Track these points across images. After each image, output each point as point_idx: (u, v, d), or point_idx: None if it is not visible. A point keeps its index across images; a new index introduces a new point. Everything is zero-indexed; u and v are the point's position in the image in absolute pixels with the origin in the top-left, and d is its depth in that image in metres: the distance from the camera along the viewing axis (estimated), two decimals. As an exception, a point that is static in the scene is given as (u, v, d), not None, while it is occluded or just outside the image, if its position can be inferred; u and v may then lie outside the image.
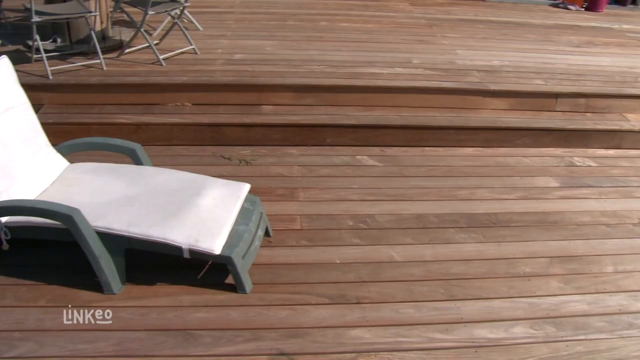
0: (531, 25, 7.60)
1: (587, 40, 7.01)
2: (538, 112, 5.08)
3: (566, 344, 2.74)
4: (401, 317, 2.82)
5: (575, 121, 4.97)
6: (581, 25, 7.91)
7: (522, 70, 5.52)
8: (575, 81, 5.36)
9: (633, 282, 3.24)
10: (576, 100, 5.14)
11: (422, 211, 3.73)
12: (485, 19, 7.70)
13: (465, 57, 5.80)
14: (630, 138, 4.93)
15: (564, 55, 6.23)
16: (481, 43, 6.45)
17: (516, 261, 3.31)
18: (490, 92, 5.01)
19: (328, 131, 4.59)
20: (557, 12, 8.68)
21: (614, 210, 3.94)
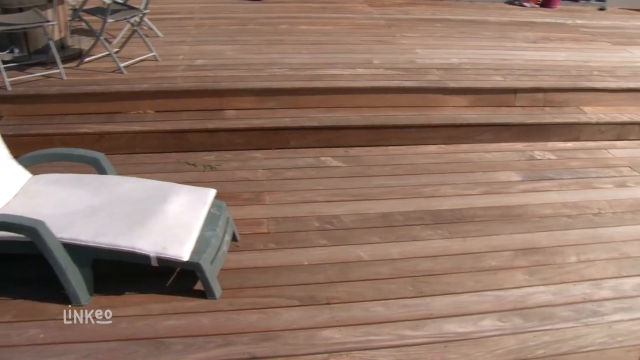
0: (488, 22, 7.70)
1: (543, 36, 7.13)
2: (498, 107, 5.15)
3: (533, 334, 2.79)
4: (371, 316, 2.83)
5: (534, 115, 5.05)
6: (536, 21, 8.04)
7: (481, 67, 5.59)
8: (533, 76, 5.45)
9: (595, 270, 3.30)
10: (534, 95, 5.22)
11: (387, 210, 3.75)
12: (442, 18, 7.77)
13: (424, 56, 5.85)
14: (588, 130, 5.03)
15: (521, 51, 6.33)
16: (440, 41, 6.51)
17: (482, 255, 3.35)
18: (450, 90, 5.06)
19: (291, 134, 4.59)
20: (513, 9, 8.81)
21: (575, 202, 4.02)
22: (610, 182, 4.35)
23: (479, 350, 2.66)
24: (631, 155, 4.87)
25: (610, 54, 6.55)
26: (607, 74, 5.73)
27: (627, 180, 4.41)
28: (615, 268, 3.35)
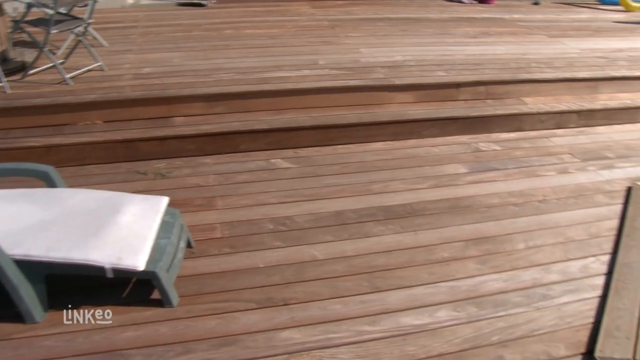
0: (429, 19, 7.79)
1: (482, 31, 7.25)
2: (442, 102, 5.20)
3: (488, 321, 2.82)
4: (329, 314, 2.82)
5: (477, 108, 5.11)
6: (475, 17, 8.16)
7: (424, 64, 5.64)
8: (474, 70, 5.53)
9: (543, 256, 3.37)
10: (476, 89, 5.29)
11: (339, 208, 3.74)
12: (384, 17, 7.83)
13: (368, 54, 5.88)
14: (529, 120, 5.13)
15: (462, 46, 6.42)
16: (383, 40, 6.55)
17: (434, 247, 3.37)
18: (395, 87, 5.09)
19: (241, 138, 4.55)
20: (452, 6, 8.93)
21: (520, 190, 4.09)
22: (553, 170, 4.44)
23: (436, 341, 2.68)
24: (571, 142, 4.99)
25: (546, 46, 6.70)
26: (545, 65, 5.86)
27: (568, 166, 4.52)
28: (562, 252, 3.42)
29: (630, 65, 6.07)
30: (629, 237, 3.59)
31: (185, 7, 8.17)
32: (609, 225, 3.73)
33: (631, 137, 5.21)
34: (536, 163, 4.53)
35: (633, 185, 4.25)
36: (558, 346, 2.71)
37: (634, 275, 3.25)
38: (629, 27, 8.17)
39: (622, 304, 3.00)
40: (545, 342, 2.73)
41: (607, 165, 4.59)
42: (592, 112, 5.36)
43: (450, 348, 2.65)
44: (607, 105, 5.45)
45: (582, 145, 4.94)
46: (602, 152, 4.82)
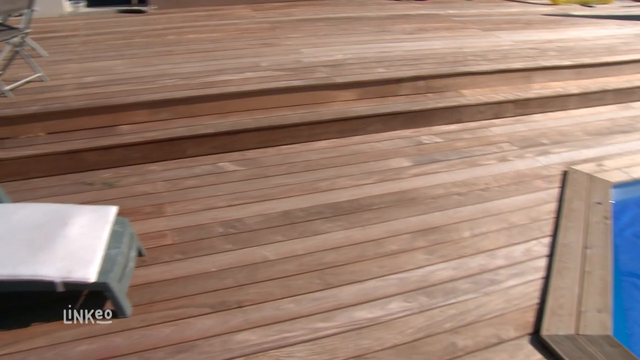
0: (367, 18, 7.82)
1: (419, 27, 7.31)
2: (384, 98, 5.21)
3: (439, 309, 2.85)
4: (283, 314, 2.79)
5: (418, 102, 5.14)
6: (412, 14, 8.24)
7: (365, 61, 5.64)
8: (413, 65, 5.56)
9: (488, 242, 3.42)
10: (416, 83, 5.32)
11: (287, 208, 3.71)
12: (324, 17, 7.82)
13: (310, 54, 5.86)
14: (468, 112, 5.19)
15: (400, 42, 6.46)
16: (323, 40, 6.54)
17: (382, 241, 3.38)
18: (337, 85, 5.07)
19: (187, 143, 4.47)
20: (389, 4, 8.99)
21: (463, 180, 4.14)
22: (494, 158, 4.51)
23: (389, 333, 2.69)
24: (509, 131, 5.08)
25: (481, 39, 6.81)
26: (480, 58, 5.94)
27: (508, 154, 4.59)
28: (506, 237, 3.48)
29: (559, 55, 6.23)
30: (566, 219, 3.68)
31: (125, 15, 7.99)
32: (548, 209, 3.82)
33: (564, 123, 5.35)
34: (477, 153, 4.59)
35: (568, 169, 4.35)
36: (507, 328, 2.76)
37: (573, 255, 3.33)
38: (556, 19, 8.40)
39: (564, 283, 3.08)
40: (495, 326, 2.77)
41: (543, 151, 4.69)
42: (527, 101, 5.47)
43: (404, 338, 2.66)
44: (540, 94, 5.57)
45: (520, 134, 5.04)
46: (538, 139, 4.92)
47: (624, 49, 6.73)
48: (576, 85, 5.89)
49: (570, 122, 5.39)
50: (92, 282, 2.60)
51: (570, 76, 6.04)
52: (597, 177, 4.27)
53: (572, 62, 6.04)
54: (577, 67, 6.07)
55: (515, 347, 2.65)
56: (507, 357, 2.59)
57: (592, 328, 2.78)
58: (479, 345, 2.65)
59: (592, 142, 4.94)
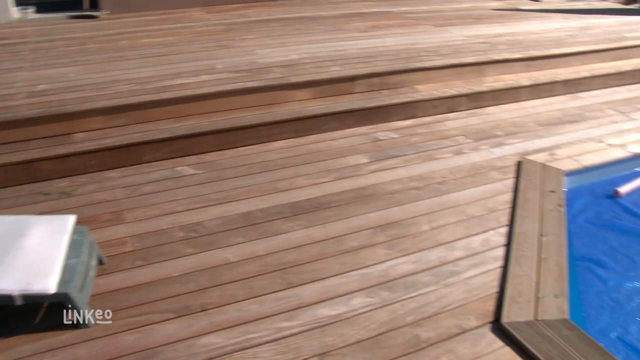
0: (321, 17, 7.82)
1: (373, 25, 7.35)
2: (339, 96, 5.22)
3: (401, 303, 2.86)
4: (246, 315, 2.77)
5: (373, 99, 5.16)
6: (365, 11, 8.28)
7: (319, 60, 5.64)
8: (368, 63, 5.57)
9: (447, 234, 3.45)
10: (371, 80, 5.34)
11: (247, 209, 3.68)
12: (278, 17, 7.80)
13: (265, 55, 5.83)
14: (423, 107, 5.23)
15: (354, 40, 6.47)
16: (278, 40, 6.51)
17: (343, 238, 3.38)
18: (293, 85, 5.05)
19: (144, 148, 4.40)
20: (343, 3, 9.01)
21: (420, 174, 4.17)
22: (449, 152, 4.55)
23: (353, 329, 2.69)
24: (463, 124, 5.14)
25: (433, 35, 6.87)
26: (433, 53, 5.99)
27: (463, 147, 4.64)
28: (464, 229, 3.51)
29: (509, 48, 6.33)
30: (522, 208, 3.73)
31: (76, 20, 7.83)
32: (503, 199, 3.87)
33: (516, 115, 5.43)
34: (433, 147, 4.63)
35: (522, 160, 4.42)
36: (468, 318, 2.78)
37: (530, 243, 3.38)
38: (505, 14, 8.55)
39: (522, 271, 3.12)
40: (457, 316, 2.79)
41: (497, 143, 4.75)
42: (480, 94, 5.53)
43: (368, 334, 2.67)
44: (493, 87, 5.64)
45: (474, 126, 5.10)
46: (492, 131, 4.99)
47: (571, 41, 6.87)
48: (527, 78, 5.99)
49: (522, 113, 5.48)
50: (52, 293, 2.54)
51: (521, 69, 6.14)
52: (550, 166, 4.34)
53: (522, 55, 6.14)
54: (527, 60, 6.17)
55: (477, 336, 2.68)
56: (469, 346, 2.61)
57: (549, 313, 2.82)
58: (441, 336, 2.66)
59: (544, 132, 5.03)
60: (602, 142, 4.86)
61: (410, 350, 2.58)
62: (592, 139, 4.91)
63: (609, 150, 4.71)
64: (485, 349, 2.60)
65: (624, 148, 4.76)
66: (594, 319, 3.17)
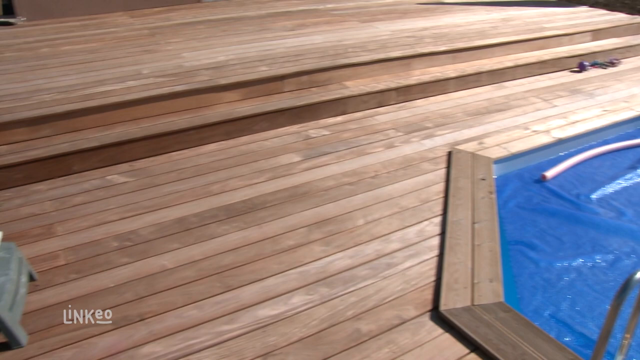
0: (247, 17, 7.82)
1: (299, 23, 7.40)
2: (269, 96, 5.24)
3: (340, 298, 2.90)
4: (186, 321, 2.76)
5: (303, 97, 5.20)
6: (292, 10, 8.32)
7: (247, 61, 5.64)
8: (296, 61, 5.61)
9: (382, 227, 3.51)
10: (300, 79, 5.38)
11: (181, 214, 3.66)
12: (204, 19, 7.75)
13: (191, 58, 5.78)
14: (352, 102, 5.31)
15: (282, 40, 6.50)
16: (204, 42, 6.48)
17: (279, 237, 3.40)
18: (221, 87, 5.04)
19: (72, 159, 4.29)
20: (269, 2, 9.03)
21: (353, 169, 4.23)
22: (380, 146, 4.63)
23: (294, 327, 2.72)
24: (393, 118, 5.24)
25: (359, 31, 6.98)
26: (360, 49, 6.09)
27: (394, 141, 4.74)
28: (399, 221, 3.59)
29: (435, 41, 6.49)
30: (454, 197, 3.84)
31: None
32: (436, 189, 3.97)
33: (445, 106, 5.57)
34: (364, 142, 4.70)
35: (452, 150, 4.54)
36: (408, 308, 2.85)
37: (463, 231, 3.48)
38: (430, 7, 8.76)
39: (457, 259, 3.21)
40: (396, 307, 2.85)
41: (427, 134, 4.87)
42: (409, 87, 5.65)
43: (309, 331, 2.70)
44: (421, 79, 5.77)
45: (404, 119, 5.20)
46: (422, 124, 5.11)
47: (494, 32, 7.11)
48: (453, 69, 6.15)
49: (450, 104, 5.63)
50: (-22, 314, 2.47)
51: (447, 61, 6.31)
52: (480, 154, 4.47)
53: (447, 48, 6.30)
54: (453, 52, 6.35)
55: (417, 325, 2.74)
56: (410, 335, 2.67)
57: (486, 297, 2.92)
58: (382, 328, 2.72)
59: (473, 122, 5.18)
60: (528, 129, 5.04)
61: (353, 344, 2.62)
62: (518, 126, 5.10)
63: (534, 136, 4.89)
64: (425, 337, 2.67)
65: (548, 134, 4.95)
66: (528, 299, 3.30)
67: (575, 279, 3.48)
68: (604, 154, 5.13)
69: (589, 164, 4.94)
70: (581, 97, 5.97)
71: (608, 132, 5.40)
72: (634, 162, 5.03)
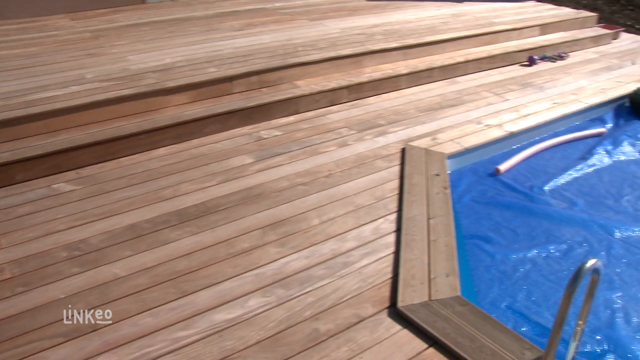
0: (194, 18, 7.78)
1: (248, 23, 7.40)
2: (218, 97, 5.24)
3: (297, 299, 2.94)
4: (141, 329, 2.76)
5: (253, 98, 5.21)
6: (239, 10, 8.32)
7: (195, 62, 5.63)
8: (245, 62, 5.63)
9: (337, 227, 3.57)
10: (249, 79, 5.40)
11: (133, 221, 3.64)
12: (149, 21, 7.67)
13: (137, 61, 5.74)
14: (304, 102, 5.35)
15: (230, 40, 6.51)
16: (150, 45, 6.42)
17: (233, 240, 3.42)
18: (169, 90, 5.02)
19: (15, 168, 4.22)
20: (216, 2, 8.99)
21: (306, 169, 4.28)
22: (333, 144, 4.70)
23: (252, 330, 2.74)
24: (345, 116, 5.31)
25: (309, 29, 7.04)
26: (310, 47, 6.15)
27: (347, 139, 4.80)
28: (354, 220, 3.65)
29: (386, 38, 6.60)
30: (409, 194, 3.92)
31: None
32: (391, 186, 4.05)
33: (397, 103, 5.68)
34: (317, 141, 4.75)
35: (406, 146, 4.63)
36: (365, 306, 2.91)
37: (419, 227, 3.56)
38: (380, 4, 8.86)
39: (413, 255, 3.29)
40: (354, 306, 2.91)
41: (381, 132, 4.95)
42: (361, 85, 5.73)
43: (267, 333, 2.73)
44: (372, 77, 5.86)
45: (357, 117, 5.28)
46: (375, 121, 5.19)
47: (444, 28, 7.26)
48: (405, 66, 6.26)
49: (403, 101, 5.73)
50: None
51: (399, 57, 6.42)
52: (433, 150, 4.57)
53: (398, 44, 6.41)
54: (404, 49, 6.46)
55: (375, 322, 2.80)
56: (368, 333, 2.73)
57: (443, 292, 3.00)
58: (340, 327, 2.77)
59: (426, 117, 5.28)
60: (481, 123, 5.17)
61: (311, 345, 2.66)
62: (470, 121, 5.22)
63: (487, 130, 5.02)
64: (384, 334, 2.73)
65: (500, 128, 5.09)
66: (485, 292, 3.40)
67: (530, 270, 3.60)
68: (555, 145, 5.30)
69: (541, 156, 5.11)
70: (532, 90, 6.14)
71: (559, 124, 5.59)
72: (584, 153, 5.21)
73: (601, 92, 6.20)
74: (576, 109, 5.72)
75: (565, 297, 2.27)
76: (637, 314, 3.29)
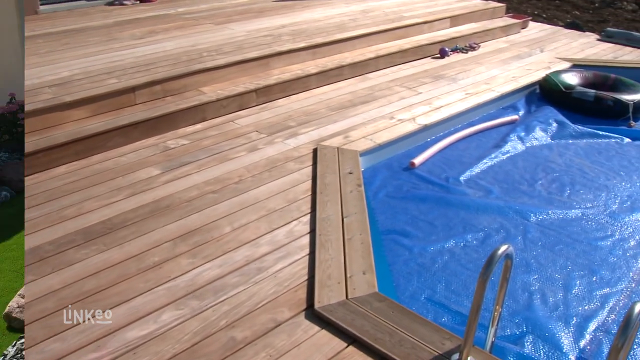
0: (92, 28, 7.68)
1: (149, 30, 7.39)
2: (120, 109, 5.22)
3: (212, 309, 3.01)
4: (48, 356, 2.73)
5: (158, 108, 5.24)
6: (140, 17, 8.28)
7: (94, 74, 5.59)
8: (147, 71, 5.65)
9: (250, 232, 3.66)
10: (152, 89, 5.42)
11: (35, 244, 3.57)
12: (43, 32, 7.52)
13: (32, 76, 5.63)
14: (211, 108, 5.42)
15: (131, 49, 6.48)
16: (45, 58, 6.31)
17: (143, 255, 3.45)
18: (67, 105, 4.97)
19: None
20: (115, 10, 8.92)
21: (216, 177, 4.34)
22: (243, 150, 4.78)
23: (166, 344, 2.78)
24: (255, 120, 5.41)
25: (214, 34, 7.12)
26: (216, 52, 6.22)
27: (257, 143, 4.90)
28: (266, 224, 3.75)
29: (294, 38, 6.75)
30: (322, 194, 4.05)
31: None
32: (303, 188, 4.18)
33: (307, 103, 5.82)
34: (226, 147, 4.83)
35: (318, 146, 4.76)
36: (282, 310, 3.01)
37: (333, 227, 3.69)
38: (288, 4, 9.02)
39: (329, 255, 3.41)
40: (270, 311, 3.00)
41: (291, 134, 5.08)
42: (269, 87, 5.85)
43: (182, 346, 2.78)
44: (280, 78, 5.98)
45: (266, 120, 5.39)
46: (285, 123, 5.31)
47: (353, 25, 7.48)
48: (314, 65, 6.42)
49: (313, 101, 5.88)
50: None
51: (307, 57, 6.57)
52: (345, 148, 4.73)
53: (307, 44, 6.58)
54: (313, 48, 6.64)
55: (292, 325, 2.90)
56: (286, 337, 2.83)
57: (360, 290, 3.13)
58: (257, 334, 2.85)
59: (337, 116, 5.44)
60: (394, 118, 5.37)
61: (228, 354, 2.74)
62: (383, 116, 5.42)
63: (400, 125, 5.23)
64: (302, 337, 2.83)
65: (413, 121, 5.31)
66: (404, 286, 3.55)
67: (448, 261, 3.78)
68: (470, 135, 5.56)
69: (456, 147, 5.35)
70: (444, 82, 6.41)
71: (472, 114, 5.86)
72: (498, 141, 5.48)
73: (512, 80, 6.53)
74: (489, 98, 6.02)
75: (479, 285, 2.43)
76: (553, 294, 3.52)
